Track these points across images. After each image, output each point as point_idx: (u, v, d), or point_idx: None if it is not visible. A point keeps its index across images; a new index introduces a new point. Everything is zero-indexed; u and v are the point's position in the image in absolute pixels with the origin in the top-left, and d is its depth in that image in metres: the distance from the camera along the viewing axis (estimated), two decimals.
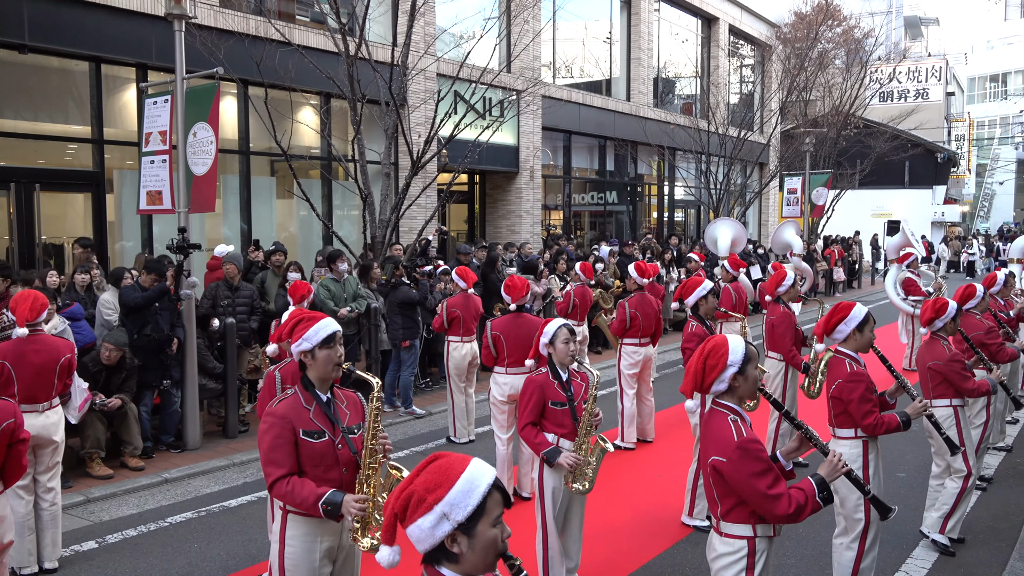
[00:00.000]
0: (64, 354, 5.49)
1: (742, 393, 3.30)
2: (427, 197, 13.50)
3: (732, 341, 3.32)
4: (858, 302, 4.62)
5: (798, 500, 3.11)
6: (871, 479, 4.49)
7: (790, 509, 3.08)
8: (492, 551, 1.98)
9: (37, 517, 5.32)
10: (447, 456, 2.07)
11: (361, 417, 3.53)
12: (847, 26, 25.78)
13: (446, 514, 1.95)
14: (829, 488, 3.17)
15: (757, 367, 3.33)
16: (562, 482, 4.62)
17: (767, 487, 3.09)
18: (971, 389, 5.47)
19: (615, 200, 21.77)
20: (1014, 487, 6.90)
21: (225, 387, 8.41)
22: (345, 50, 10.64)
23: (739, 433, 3.16)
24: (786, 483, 3.18)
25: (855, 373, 4.47)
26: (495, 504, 1.98)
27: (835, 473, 3.23)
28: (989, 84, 57.30)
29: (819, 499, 3.13)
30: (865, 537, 4.46)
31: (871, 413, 4.42)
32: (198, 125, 7.97)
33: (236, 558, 5.59)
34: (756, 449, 3.13)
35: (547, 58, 18.63)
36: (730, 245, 13.41)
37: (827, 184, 22.52)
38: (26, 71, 10.48)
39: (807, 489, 3.14)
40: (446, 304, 8.20)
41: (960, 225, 39.54)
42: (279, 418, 3.33)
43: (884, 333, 13.71)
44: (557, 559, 4.71)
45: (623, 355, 8.11)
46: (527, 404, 4.70)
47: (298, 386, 3.45)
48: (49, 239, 10.92)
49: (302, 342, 3.39)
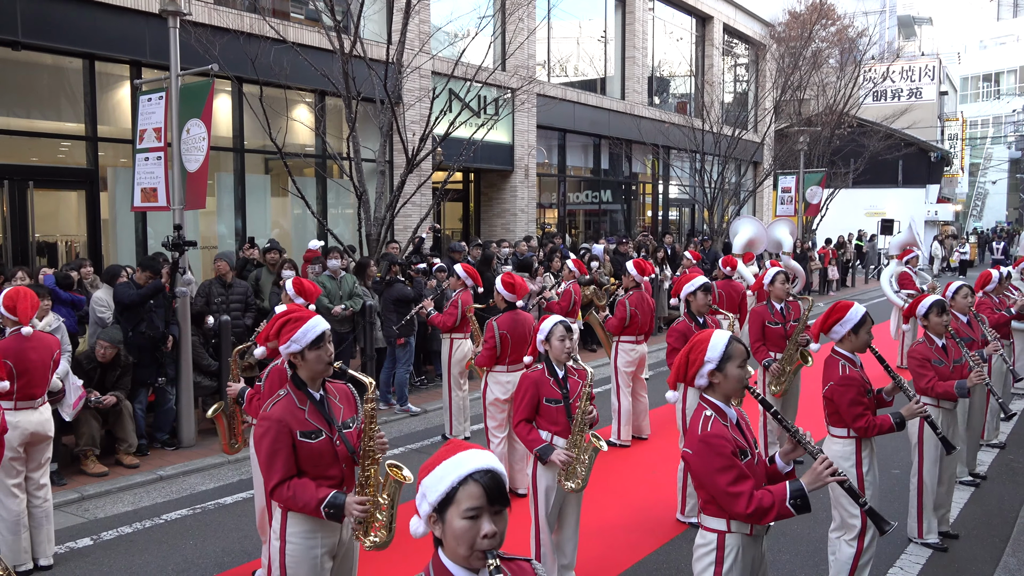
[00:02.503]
0: (55, 350, 5.50)
1: (724, 390, 3.24)
2: (422, 195, 13.49)
3: (715, 337, 3.28)
4: (856, 302, 4.59)
5: (761, 502, 3.02)
6: (864, 477, 4.50)
7: (748, 509, 3.01)
8: (463, 543, 1.96)
9: (30, 514, 5.31)
10: (455, 443, 2.11)
11: (354, 410, 3.51)
12: (841, 25, 25.85)
13: (424, 495, 2.03)
14: (804, 496, 3.03)
15: (742, 366, 3.23)
16: (555, 480, 4.63)
17: (727, 483, 3.04)
18: (924, 388, 5.36)
19: (610, 199, 21.78)
20: (1007, 484, 6.94)
21: (220, 384, 8.40)
22: (340, 48, 10.62)
23: (705, 428, 3.14)
24: (753, 483, 3.07)
25: (846, 377, 4.45)
26: (467, 496, 1.97)
27: (818, 482, 3.07)
28: (982, 83, 57.48)
29: (789, 505, 3.01)
30: (864, 535, 4.46)
31: (862, 416, 4.42)
32: (191, 122, 7.96)
33: (231, 555, 5.59)
34: (718, 444, 3.08)
35: (542, 56, 18.63)
36: (746, 244, 13.32)
37: (821, 183, 22.57)
38: (19, 68, 10.44)
39: (777, 493, 3.04)
40: (460, 301, 8.12)
41: (953, 224, 39.66)
42: (275, 421, 3.28)
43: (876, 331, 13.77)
44: (549, 556, 4.72)
45: (620, 353, 8.12)
46: (521, 400, 4.70)
47: (290, 385, 3.40)
48: (42, 237, 10.89)
49: (291, 344, 3.35)
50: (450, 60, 12.87)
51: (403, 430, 8.86)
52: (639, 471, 7.34)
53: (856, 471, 4.50)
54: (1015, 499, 6.50)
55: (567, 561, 4.81)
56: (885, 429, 4.43)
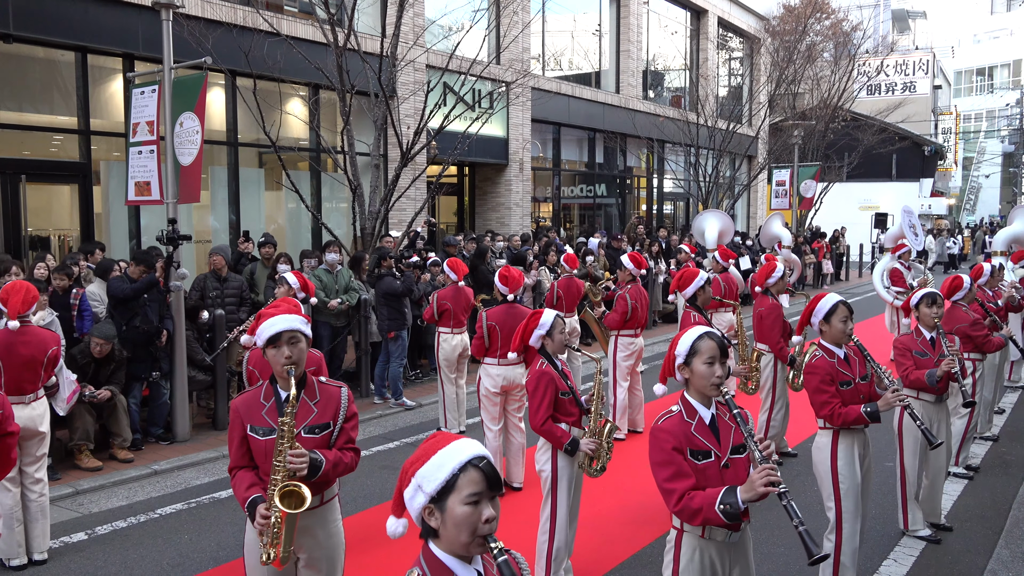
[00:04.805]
0: (51, 346, 5.45)
1: (696, 387, 3.16)
2: (416, 189, 13.47)
3: (688, 332, 3.23)
4: (831, 293, 4.61)
5: (690, 502, 2.96)
6: (839, 470, 4.43)
7: (676, 507, 3.00)
8: (465, 529, 1.97)
9: (25, 508, 5.30)
10: (442, 435, 2.12)
11: (332, 416, 3.37)
12: (835, 19, 25.86)
13: (420, 486, 2.01)
14: (736, 503, 2.89)
15: (709, 362, 3.10)
16: (574, 471, 4.68)
17: (664, 478, 3.03)
18: (900, 376, 5.36)
19: (604, 192, 21.78)
20: (1000, 476, 6.97)
21: (214, 379, 8.39)
22: (334, 41, 10.58)
23: (658, 420, 3.14)
24: (692, 483, 3.00)
25: (811, 364, 4.46)
26: (468, 482, 1.98)
27: (751, 491, 2.88)
28: (976, 78, 57.57)
29: (718, 510, 2.92)
30: (840, 529, 4.44)
31: (826, 404, 4.39)
32: (184, 115, 7.92)
33: (226, 549, 5.58)
34: (662, 438, 3.06)
35: (536, 50, 18.61)
36: (717, 236, 13.48)
37: (815, 177, 22.60)
38: (11, 61, 10.37)
39: (709, 496, 2.96)
40: (436, 296, 8.19)
41: (947, 218, 39.75)
42: (232, 410, 3.40)
43: (871, 325, 13.81)
44: (563, 550, 4.73)
45: (620, 347, 8.11)
46: (543, 399, 4.64)
47: (268, 379, 3.42)
48: (35, 231, 10.84)
49: (256, 338, 3.37)
50: (444, 53, 12.84)
51: (398, 424, 8.86)
52: (634, 464, 7.35)
53: (831, 462, 4.45)
54: (1008, 491, 6.53)
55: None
56: (851, 419, 4.35)
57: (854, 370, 4.50)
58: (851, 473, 4.46)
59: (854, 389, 4.47)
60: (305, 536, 3.39)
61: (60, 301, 7.75)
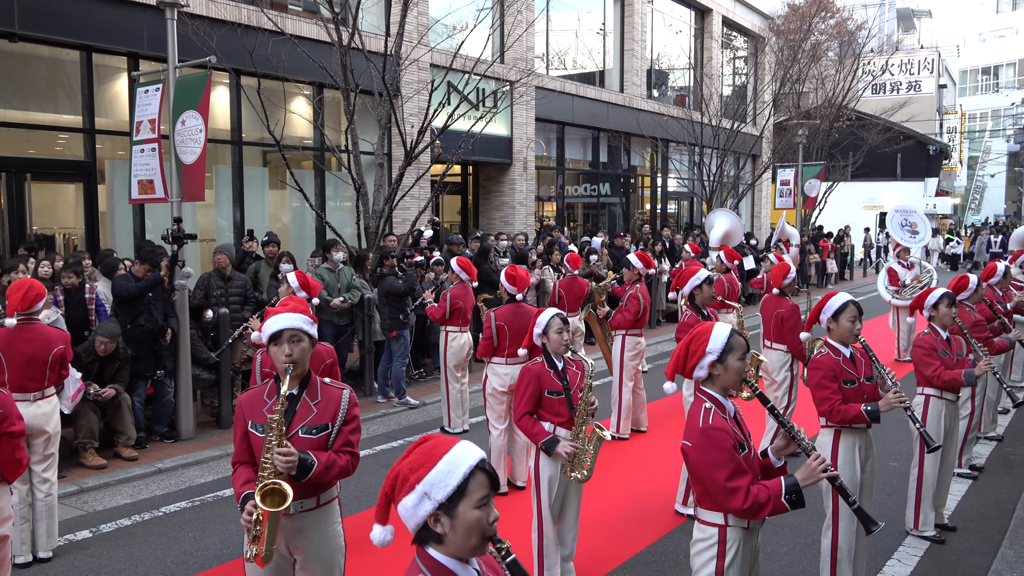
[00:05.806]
0: (57, 344, 5.43)
1: (723, 382, 3.21)
2: (420, 188, 13.47)
3: (717, 329, 3.25)
4: (842, 291, 4.61)
5: (757, 497, 2.99)
6: (837, 470, 4.37)
7: (745, 504, 2.99)
8: (476, 532, 1.96)
9: (32, 507, 5.31)
10: (435, 438, 2.10)
11: (331, 418, 3.34)
12: (840, 18, 25.81)
13: (427, 493, 1.98)
14: (799, 492, 3.02)
15: (742, 359, 3.21)
16: (558, 471, 4.64)
17: (725, 478, 3.01)
18: (929, 376, 5.36)
19: (608, 192, 21.76)
20: (1004, 476, 6.96)
21: (218, 377, 8.40)
22: (338, 40, 10.58)
23: (706, 420, 3.12)
24: (751, 478, 3.05)
25: (815, 360, 4.47)
26: (478, 486, 1.97)
27: (811, 477, 3.07)
28: (981, 77, 57.39)
29: (784, 501, 3.00)
30: (836, 523, 4.44)
31: (826, 400, 4.39)
32: (187, 113, 7.88)
33: (230, 547, 5.59)
34: (719, 437, 3.05)
35: (540, 49, 18.59)
36: (723, 237, 13.47)
37: (820, 176, 22.57)
38: (16, 60, 10.39)
39: (773, 488, 3.02)
40: (449, 295, 8.17)
41: (952, 217, 39.66)
42: (237, 406, 3.44)
43: (875, 324, 13.78)
44: (552, 547, 4.73)
45: (627, 346, 8.10)
46: (523, 393, 4.70)
47: (274, 377, 3.45)
48: (40, 230, 10.87)
49: (262, 336, 3.39)
50: (448, 52, 12.83)
51: (401, 423, 8.87)
52: (638, 464, 7.36)
53: (831, 461, 4.43)
54: (1012, 491, 6.51)
55: (567, 552, 4.83)
56: (851, 417, 4.34)
57: (859, 370, 4.49)
58: (850, 472, 4.47)
59: (858, 388, 4.47)
60: (300, 538, 3.38)
61: (75, 299, 7.79)
